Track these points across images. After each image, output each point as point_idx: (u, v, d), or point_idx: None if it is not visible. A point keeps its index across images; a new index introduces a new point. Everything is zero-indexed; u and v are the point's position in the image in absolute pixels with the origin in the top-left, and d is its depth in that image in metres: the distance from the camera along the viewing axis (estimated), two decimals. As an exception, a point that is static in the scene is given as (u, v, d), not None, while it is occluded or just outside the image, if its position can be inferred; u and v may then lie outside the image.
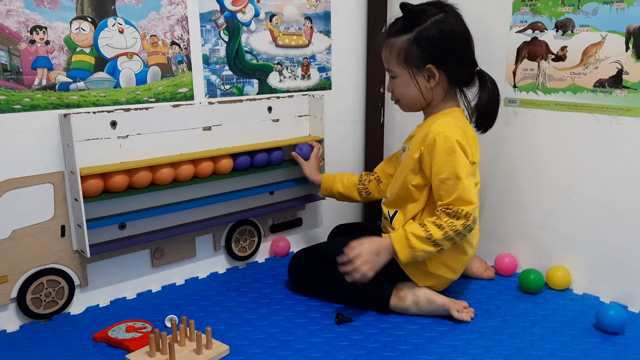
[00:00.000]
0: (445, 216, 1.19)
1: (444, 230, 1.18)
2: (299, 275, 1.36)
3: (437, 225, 1.18)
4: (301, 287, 1.37)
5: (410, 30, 1.22)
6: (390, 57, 1.26)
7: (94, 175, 1.21)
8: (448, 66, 1.24)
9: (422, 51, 1.22)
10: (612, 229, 1.32)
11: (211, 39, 1.41)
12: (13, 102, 1.15)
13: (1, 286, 1.19)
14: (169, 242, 1.42)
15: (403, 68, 1.25)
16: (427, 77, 1.25)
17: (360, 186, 1.48)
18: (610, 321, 1.17)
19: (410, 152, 1.27)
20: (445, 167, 1.19)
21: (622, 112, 1.27)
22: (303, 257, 1.37)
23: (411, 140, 1.32)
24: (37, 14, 1.15)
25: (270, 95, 1.54)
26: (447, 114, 1.27)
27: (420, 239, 1.18)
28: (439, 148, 1.19)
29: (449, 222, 1.18)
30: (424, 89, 1.26)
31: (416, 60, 1.23)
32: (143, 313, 1.27)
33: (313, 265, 1.33)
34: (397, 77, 1.27)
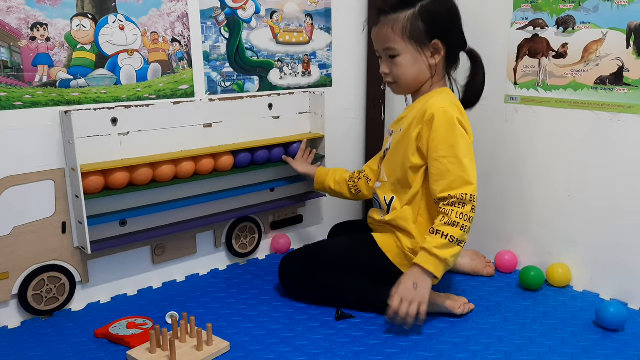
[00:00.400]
0: (452, 208, 1.15)
1: (459, 225, 1.15)
2: (291, 283, 1.32)
3: (450, 224, 1.15)
4: (294, 293, 1.33)
5: (413, 5, 1.19)
6: (393, 34, 1.20)
7: (95, 172, 1.21)
8: (451, 41, 1.22)
9: (427, 26, 1.19)
10: (612, 226, 1.32)
11: (212, 36, 1.41)
12: (14, 99, 1.16)
13: (2, 283, 1.19)
14: (170, 239, 1.43)
15: (408, 44, 1.20)
16: (431, 53, 1.22)
17: (350, 183, 1.46)
18: (611, 318, 1.17)
19: (406, 132, 1.23)
20: (443, 144, 1.16)
21: (623, 109, 1.27)
22: (294, 263, 1.32)
23: (401, 122, 1.29)
24: (37, 11, 1.15)
25: (271, 92, 1.54)
26: (440, 92, 1.25)
27: (445, 247, 1.14)
28: (438, 123, 1.16)
29: (459, 214, 1.15)
30: (428, 66, 1.23)
31: (422, 36, 1.20)
32: (144, 310, 1.27)
33: (307, 274, 1.29)
34: (399, 55, 1.22)
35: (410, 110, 1.27)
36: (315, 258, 1.30)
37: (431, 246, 1.14)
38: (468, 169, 1.16)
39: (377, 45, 1.26)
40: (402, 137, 1.25)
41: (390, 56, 1.23)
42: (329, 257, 1.29)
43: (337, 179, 1.48)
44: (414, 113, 1.24)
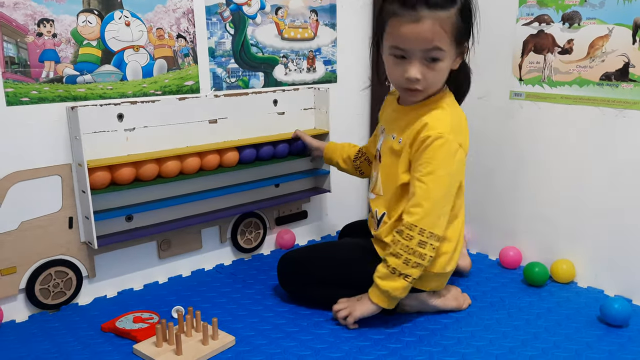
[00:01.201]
0: (400, 238, 1.09)
1: (402, 257, 1.08)
2: (288, 286, 1.29)
3: (394, 254, 1.09)
4: (292, 296, 1.30)
5: (454, 1, 1.06)
6: (444, 34, 1.05)
7: (101, 168, 1.22)
8: (470, 42, 1.14)
9: (465, 26, 1.09)
10: (617, 222, 1.32)
11: (217, 32, 1.42)
12: (21, 94, 1.16)
13: (10, 277, 1.20)
14: (176, 234, 1.43)
15: (451, 47, 1.08)
16: (458, 56, 1.13)
17: (357, 162, 1.43)
18: (615, 314, 1.17)
19: (403, 147, 1.16)
20: (426, 167, 1.09)
21: (629, 105, 1.27)
22: (293, 274, 1.27)
23: (396, 127, 1.19)
24: (44, 7, 1.16)
25: (276, 88, 1.54)
26: (442, 104, 1.14)
27: (386, 278, 1.10)
28: (432, 148, 1.08)
29: (404, 247, 1.08)
30: (450, 70, 1.13)
31: (462, 37, 1.09)
32: (150, 304, 1.28)
33: (307, 289, 1.26)
34: (442, 59, 1.08)
35: (407, 114, 1.17)
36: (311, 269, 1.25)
37: (376, 274, 1.12)
38: (437, 203, 1.08)
39: (415, 44, 1.05)
40: (398, 151, 1.17)
41: (431, 59, 1.08)
42: (326, 265, 1.24)
43: (345, 157, 1.45)
44: (411, 121, 1.14)
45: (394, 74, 1.13)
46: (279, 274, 1.30)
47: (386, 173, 1.21)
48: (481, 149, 1.22)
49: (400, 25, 1.05)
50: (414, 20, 1.03)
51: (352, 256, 1.24)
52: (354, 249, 1.26)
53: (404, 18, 1.04)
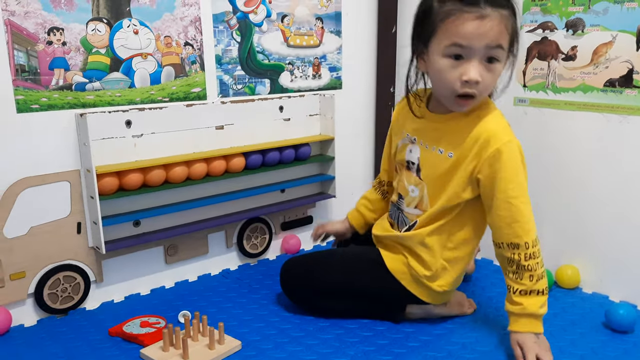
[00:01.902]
0: (535, 261, 1.08)
1: (545, 275, 1.09)
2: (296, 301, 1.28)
3: (540, 277, 1.07)
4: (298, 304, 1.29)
5: (512, 5, 1.02)
6: (506, 34, 1.01)
7: (110, 174, 1.23)
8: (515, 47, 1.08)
9: (515, 29, 1.04)
10: (622, 228, 1.32)
11: (224, 40, 1.43)
12: (31, 101, 1.18)
13: (19, 282, 1.22)
14: (182, 239, 1.45)
15: (507, 47, 1.03)
16: (508, 63, 1.07)
17: (385, 197, 1.35)
18: (620, 320, 1.17)
19: (456, 164, 1.09)
20: (513, 182, 1.05)
21: (633, 111, 1.27)
22: (298, 285, 1.25)
23: (434, 137, 1.12)
24: (54, 16, 1.18)
25: (282, 95, 1.56)
26: (490, 109, 1.10)
27: (545, 303, 1.09)
28: (507, 161, 1.04)
29: (541, 264, 1.08)
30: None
31: (513, 40, 1.05)
32: (157, 309, 1.30)
33: (313, 299, 1.25)
34: (500, 60, 1.03)
35: (448, 124, 1.11)
36: (315, 281, 1.22)
37: (536, 309, 1.07)
38: (529, 213, 1.08)
39: (480, 40, 0.99)
40: (450, 167, 1.10)
41: (490, 59, 1.02)
42: (329, 280, 1.22)
43: (371, 208, 1.37)
44: (460, 133, 1.08)
45: (448, 78, 1.03)
46: (284, 284, 1.28)
47: (434, 188, 1.14)
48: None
49: (464, 22, 0.98)
50: (479, 16, 0.98)
51: (360, 265, 1.22)
52: (359, 259, 1.24)
53: (468, 14, 0.98)
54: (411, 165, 1.18)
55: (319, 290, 1.22)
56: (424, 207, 1.16)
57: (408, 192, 1.18)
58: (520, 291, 1.08)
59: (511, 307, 1.10)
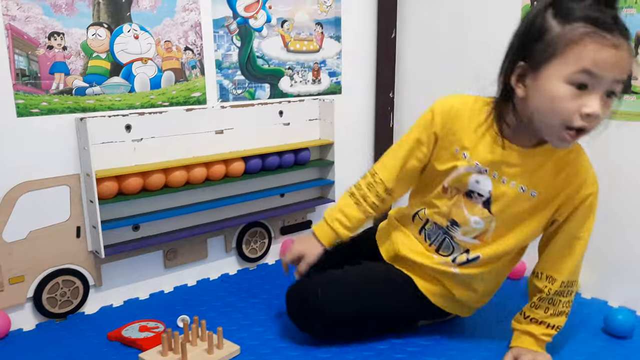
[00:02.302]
0: (568, 298, 1.08)
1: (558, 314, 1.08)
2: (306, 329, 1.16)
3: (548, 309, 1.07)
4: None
5: (629, 39, 0.90)
6: (631, 65, 0.91)
7: (109, 178, 1.24)
8: None
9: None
10: (621, 233, 1.32)
11: (224, 45, 1.44)
12: (31, 106, 1.18)
13: (18, 286, 1.22)
14: (182, 244, 1.45)
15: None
16: None
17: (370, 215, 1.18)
18: (619, 325, 1.17)
19: (543, 201, 1.02)
20: (590, 225, 1.05)
21: (631, 117, 1.27)
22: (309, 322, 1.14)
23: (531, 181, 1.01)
24: (55, 21, 1.18)
25: (282, 100, 1.56)
26: (579, 147, 1.04)
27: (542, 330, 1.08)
28: (592, 207, 1.03)
29: (569, 303, 1.08)
30: None
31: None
32: (156, 313, 1.29)
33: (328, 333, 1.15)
34: (617, 96, 0.92)
35: (533, 158, 1.00)
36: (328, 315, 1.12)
37: (540, 333, 1.08)
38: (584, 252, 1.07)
39: (612, 70, 0.87)
40: (532, 207, 1.03)
41: (611, 93, 0.89)
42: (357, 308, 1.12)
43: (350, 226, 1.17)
44: (551, 175, 1.01)
45: (565, 107, 0.89)
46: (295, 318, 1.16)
47: (506, 225, 1.06)
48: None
49: (602, 48, 0.86)
50: (615, 45, 0.86)
51: (375, 287, 1.14)
52: (385, 282, 1.14)
53: (605, 41, 0.86)
54: (476, 196, 1.06)
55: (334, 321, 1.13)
56: (485, 238, 1.08)
57: (469, 223, 1.07)
58: (531, 319, 1.08)
59: (516, 325, 1.11)
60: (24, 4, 1.14)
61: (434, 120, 1.07)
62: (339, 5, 1.64)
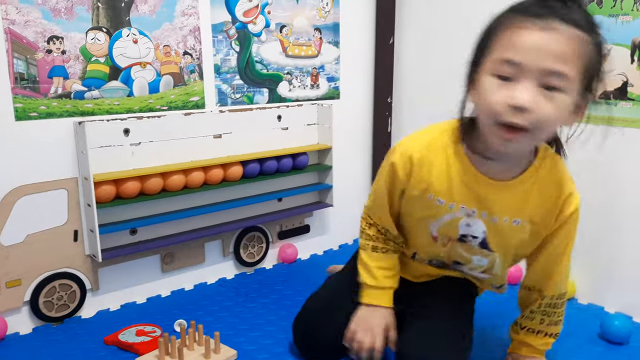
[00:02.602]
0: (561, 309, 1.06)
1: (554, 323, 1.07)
2: None
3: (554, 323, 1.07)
4: None
5: (593, 31, 0.80)
6: (574, 58, 0.78)
7: (107, 182, 1.24)
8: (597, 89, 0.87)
9: (598, 66, 0.83)
10: (617, 239, 1.32)
11: (223, 49, 1.44)
12: (30, 110, 1.19)
13: (15, 289, 1.22)
14: (179, 248, 1.45)
15: (578, 81, 0.80)
16: (584, 106, 0.86)
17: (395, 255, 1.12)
18: (615, 331, 1.18)
19: (538, 227, 0.98)
20: (572, 240, 1.01)
21: (628, 123, 1.28)
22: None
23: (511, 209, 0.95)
24: (54, 24, 1.18)
25: (280, 104, 1.57)
26: (550, 152, 0.98)
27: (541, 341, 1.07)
28: (575, 221, 0.98)
29: (552, 312, 1.05)
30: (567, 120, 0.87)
31: (592, 78, 0.83)
32: (153, 317, 1.29)
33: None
34: (563, 90, 0.79)
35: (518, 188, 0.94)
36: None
37: (538, 344, 1.07)
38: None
39: (535, 56, 0.77)
40: (530, 235, 0.99)
41: (548, 87, 0.79)
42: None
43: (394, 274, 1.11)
44: (541, 200, 0.95)
45: (490, 100, 0.81)
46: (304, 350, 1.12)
47: (509, 255, 1.04)
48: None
49: (520, 32, 0.78)
50: (542, 28, 0.77)
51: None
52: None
53: (527, 24, 0.78)
54: (470, 239, 1.01)
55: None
56: (494, 271, 1.07)
57: (472, 261, 1.05)
58: (527, 329, 1.08)
59: (514, 335, 1.11)
60: (24, 8, 1.14)
61: (396, 174, 0.99)
62: (337, 11, 1.65)
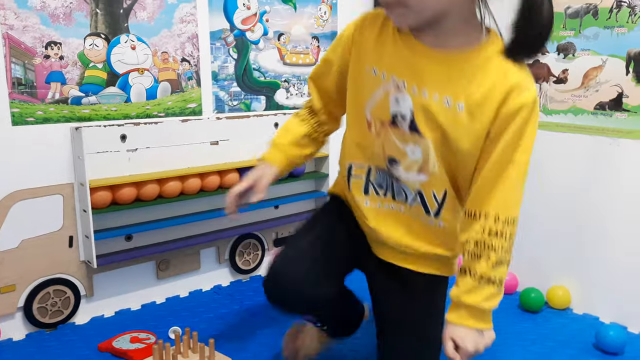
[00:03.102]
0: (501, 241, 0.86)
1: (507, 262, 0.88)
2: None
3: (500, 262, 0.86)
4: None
5: None
6: None
7: (103, 187, 1.23)
8: None
9: None
10: (612, 249, 1.33)
11: (220, 57, 1.45)
12: (26, 115, 1.18)
13: (9, 295, 1.21)
14: (174, 254, 1.44)
15: None
16: None
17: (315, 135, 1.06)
18: (610, 341, 1.18)
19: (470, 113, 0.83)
20: (522, 148, 0.85)
21: (622, 134, 1.29)
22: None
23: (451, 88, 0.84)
24: (52, 30, 1.19)
25: (277, 112, 1.57)
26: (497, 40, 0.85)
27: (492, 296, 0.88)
28: (530, 122, 0.83)
29: (509, 248, 0.87)
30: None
31: None
32: (147, 324, 1.29)
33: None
34: None
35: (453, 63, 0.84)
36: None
37: (478, 300, 0.87)
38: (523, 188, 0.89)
39: None
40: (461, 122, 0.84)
41: None
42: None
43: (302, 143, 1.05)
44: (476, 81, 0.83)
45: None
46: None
47: (444, 149, 0.88)
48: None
49: None
50: None
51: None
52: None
53: None
54: (400, 120, 0.89)
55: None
56: (430, 169, 0.90)
57: (406, 154, 0.91)
58: (471, 273, 0.87)
59: (454, 292, 0.89)
60: (22, 13, 1.14)
61: (341, 41, 0.95)
62: (335, 19, 1.66)
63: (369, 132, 0.94)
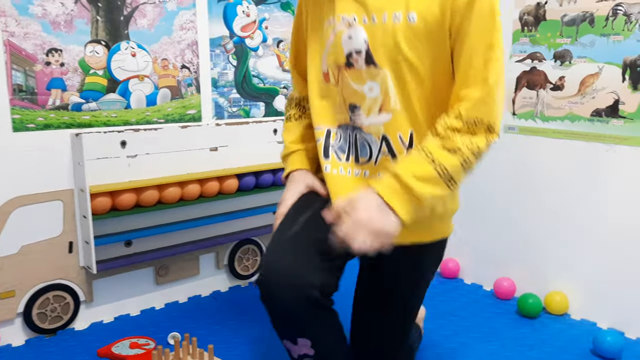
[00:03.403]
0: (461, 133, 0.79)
1: (463, 155, 0.79)
2: None
3: (450, 150, 0.79)
4: None
5: None
6: None
7: (103, 193, 1.24)
8: None
9: None
10: (609, 255, 1.33)
11: (220, 63, 1.46)
12: (27, 121, 1.19)
13: (8, 301, 1.21)
14: (173, 260, 1.45)
15: None
16: None
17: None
18: (607, 347, 1.18)
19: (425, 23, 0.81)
20: (481, 43, 0.79)
21: (619, 141, 1.30)
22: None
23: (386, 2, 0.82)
24: (53, 37, 1.20)
25: (276, 118, 1.58)
26: None
27: (429, 181, 0.78)
28: (480, 9, 0.79)
29: (468, 143, 0.80)
30: None
31: None
32: (146, 330, 1.29)
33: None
34: None
35: None
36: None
37: (408, 173, 0.78)
38: (499, 82, 0.81)
39: None
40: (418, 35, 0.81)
41: None
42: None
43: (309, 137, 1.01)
44: None
45: None
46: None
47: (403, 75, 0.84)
48: (474, 181, 1.24)
49: None
50: None
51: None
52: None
53: None
54: (354, 57, 0.86)
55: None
56: (391, 105, 0.85)
57: (364, 96, 0.87)
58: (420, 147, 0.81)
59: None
60: (23, 20, 1.15)
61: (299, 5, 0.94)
62: (334, 26, 1.67)
63: (327, 84, 0.91)
